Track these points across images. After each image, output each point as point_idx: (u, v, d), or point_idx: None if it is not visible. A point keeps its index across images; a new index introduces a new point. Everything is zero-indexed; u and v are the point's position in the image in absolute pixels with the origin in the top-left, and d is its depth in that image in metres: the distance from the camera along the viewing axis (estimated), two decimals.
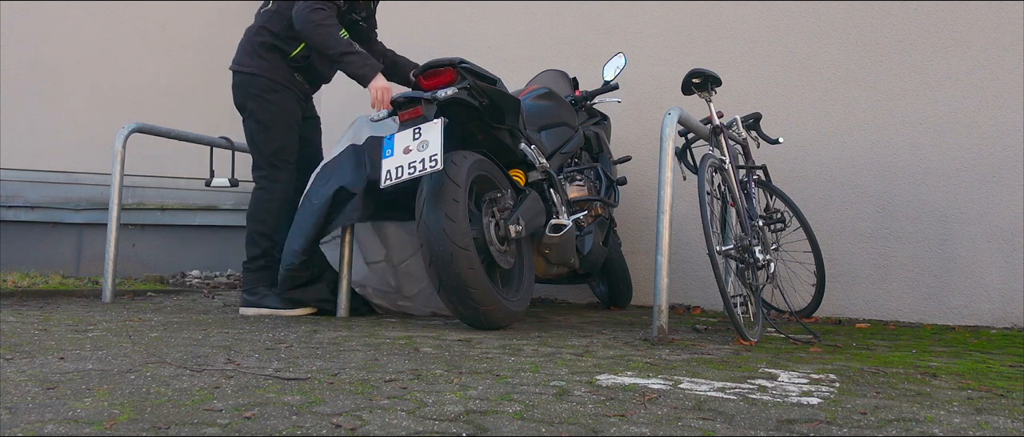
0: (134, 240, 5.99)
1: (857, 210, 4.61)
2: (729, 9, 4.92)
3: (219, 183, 4.67)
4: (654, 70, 5.01)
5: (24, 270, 5.67)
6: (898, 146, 4.55)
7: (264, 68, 3.83)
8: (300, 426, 1.68)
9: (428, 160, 3.21)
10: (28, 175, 6.44)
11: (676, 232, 4.52)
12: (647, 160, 4.83)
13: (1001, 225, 4.35)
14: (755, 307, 3.43)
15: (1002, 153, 4.37)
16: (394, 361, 2.51)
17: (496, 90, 3.51)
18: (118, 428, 1.62)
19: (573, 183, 4.08)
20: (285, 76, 3.86)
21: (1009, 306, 4.31)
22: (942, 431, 1.84)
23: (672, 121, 3.28)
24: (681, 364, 2.64)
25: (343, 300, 3.81)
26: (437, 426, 1.71)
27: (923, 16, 4.56)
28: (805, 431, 1.79)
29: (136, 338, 2.86)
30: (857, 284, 4.57)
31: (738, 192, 3.53)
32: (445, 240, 3.16)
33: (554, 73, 4.62)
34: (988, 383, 2.49)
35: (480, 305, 3.24)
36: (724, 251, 3.30)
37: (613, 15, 5.17)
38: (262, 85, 3.83)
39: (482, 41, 5.38)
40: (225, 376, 2.18)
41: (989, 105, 4.41)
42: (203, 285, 5.51)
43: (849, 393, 2.24)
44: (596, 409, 1.92)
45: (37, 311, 3.71)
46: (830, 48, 4.72)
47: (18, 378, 2.09)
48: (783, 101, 4.77)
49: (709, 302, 4.78)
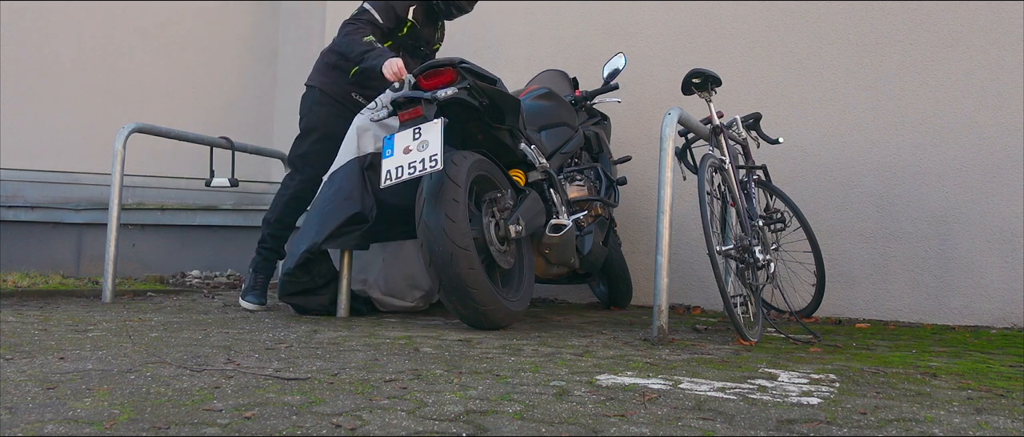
0: (134, 240, 5.99)
1: (857, 210, 4.61)
2: (729, 9, 4.92)
3: (219, 183, 4.67)
4: (654, 70, 5.01)
5: (24, 270, 5.67)
6: (898, 146, 4.55)
7: (324, 83, 4.11)
8: (300, 426, 1.68)
9: (428, 160, 3.21)
10: (28, 175, 6.43)
11: (676, 232, 4.52)
12: (647, 160, 4.83)
13: (1001, 225, 4.35)
14: (755, 307, 3.43)
15: (1002, 153, 4.37)
16: (394, 361, 2.51)
17: (496, 90, 3.51)
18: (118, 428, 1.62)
19: (573, 183, 4.08)
20: (342, 93, 4.09)
21: (1009, 306, 4.31)
22: (942, 431, 1.84)
23: (672, 121, 3.27)
24: (681, 364, 2.64)
25: (343, 300, 3.81)
26: (437, 426, 1.71)
27: (923, 16, 4.56)
28: (805, 431, 1.79)
29: (136, 338, 2.86)
30: (857, 284, 4.57)
31: (738, 192, 3.53)
32: (445, 240, 3.16)
33: (554, 73, 4.62)
34: (988, 383, 2.49)
35: (480, 305, 3.24)
36: (724, 251, 3.30)
37: (613, 15, 5.17)
38: (316, 97, 4.11)
39: (482, 41, 5.38)
40: (225, 376, 2.18)
41: (989, 105, 4.41)
42: (203, 285, 5.51)
43: (849, 393, 2.24)
44: (596, 409, 1.92)
45: (37, 311, 3.71)
46: (830, 48, 4.72)
47: (18, 378, 2.09)
48: (783, 101, 4.77)
49: (709, 302, 4.77)
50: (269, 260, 4.16)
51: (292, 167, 4.19)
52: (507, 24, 5.39)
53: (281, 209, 4.14)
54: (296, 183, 4.13)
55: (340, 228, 3.64)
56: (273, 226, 4.15)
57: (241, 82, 6.82)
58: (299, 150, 4.13)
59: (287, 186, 4.17)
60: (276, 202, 4.19)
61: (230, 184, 4.68)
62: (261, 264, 4.15)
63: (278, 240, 4.16)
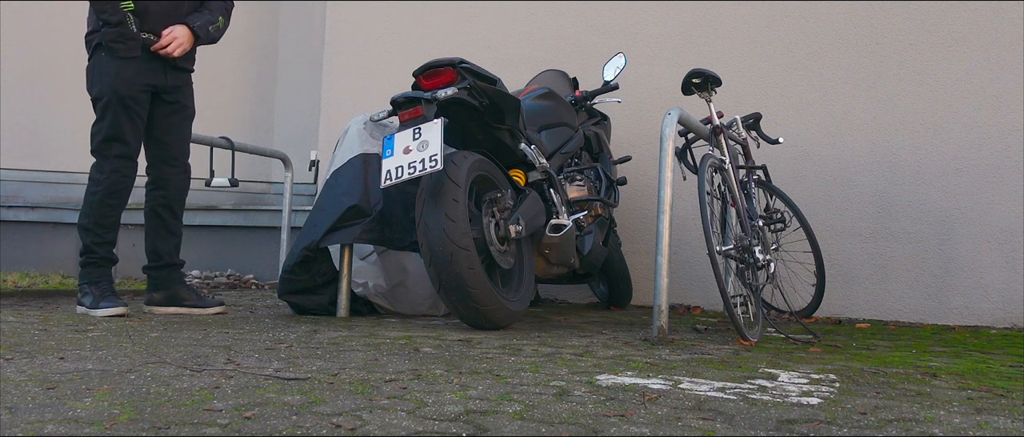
0: (134, 240, 5.98)
1: (857, 210, 4.61)
2: (729, 9, 4.92)
3: (219, 183, 4.66)
4: (654, 70, 5.01)
5: (24, 270, 5.67)
6: (898, 146, 4.55)
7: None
8: (300, 426, 1.68)
9: (428, 160, 3.21)
10: (28, 175, 6.43)
11: (676, 232, 4.52)
12: (647, 160, 4.83)
13: (1001, 225, 4.35)
14: (755, 307, 3.43)
15: (1002, 153, 4.37)
16: (394, 361, 2.51)
17: (496, 90, 3.51)
18: (118, 428, 1.62)
19: (573, 183, 4.08)
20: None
21: (1009, 306, 4.31)
22: (942, 431, 1.84)
23: (672, 121, 3.27)
24: (681, 364, 2.64)
25: (343, 300, 3.81)
26: (437, 426, 1.71)
27: (923, 16, 4.56)
28: (805, 431, 1.79)
29: (136, 338, 2.86)
30: (857, 284, 4.57)
31: (738, 192, 3.53)
32: (445, 240, 3.16)
33: (554, 73, 4.62)
34: (988, 383, 2.49)
35: (480, 305, 3.24)
36: (724, 251, 3.29)
37: (613, 15, 5.16)
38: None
39: (482, 41, 5.38)
40: (225, 376, 2.18)
41: (989, 105, 4.41)
42: (203, 285, 5.51)
43: (849, 393, 2.24)
44: (596, 409, 1.92)
45: (37, 311, 3.70)
46: (830, 48, 4.72)
47: (18, 378, 2.09)
48: (783, 101, 4.77)
49: (709, 302, 4.77)
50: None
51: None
52: (507, 24, 5.39)
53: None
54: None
55: (338, 223, 3.65)
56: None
57: (241, 82, 6.82)
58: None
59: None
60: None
61: (230, 184, 4.68)
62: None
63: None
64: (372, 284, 3.96)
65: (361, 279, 3.94)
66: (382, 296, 3.98)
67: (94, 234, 3.58)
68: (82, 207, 3.61)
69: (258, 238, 6.11)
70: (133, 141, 3.60)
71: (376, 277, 3.97)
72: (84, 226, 3.59)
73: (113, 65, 3.53)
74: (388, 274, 3.96)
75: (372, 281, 3.97)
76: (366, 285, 3.95)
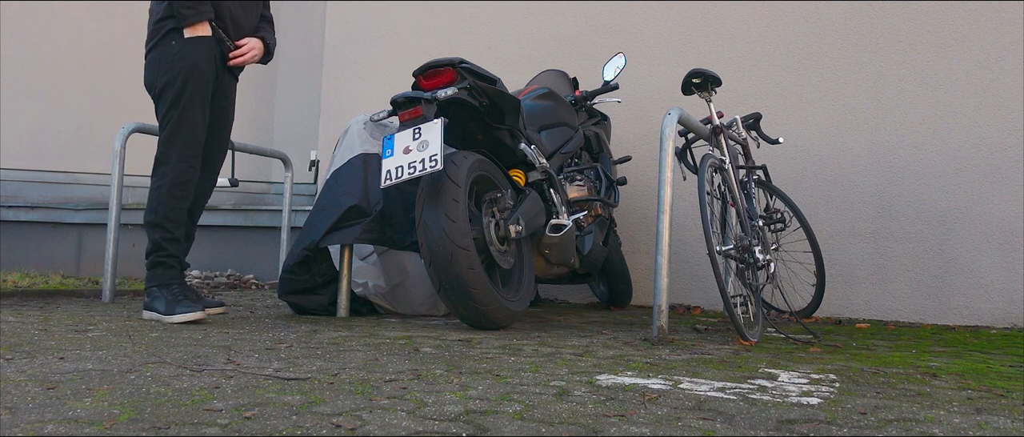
0: (134, 240, 5.99)
1: (857, 210, 4.61)
2: (729, 9, 4.92)
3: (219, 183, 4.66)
4: (654, 70, 5.01)
5: (24, 270, 5.67)
6: (898, 146, 4.55)
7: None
8: (300, 426, 1.68)
9: (428, 160, 3.21)
10: (28, 175, 6.44)
11: (676, 232, 4.53)
12: (647, 160, 4.83)
13: (1001, 225, 4.35)
14: (755, 307, 3.43)
15: (1002, 153, 4.37)
16: (394, 361, 2.51)
17: (496, 90, 3.51)
18: (118, 428, 1.62)
19: (573, 183, 4.08)
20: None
21: (1009, 306, 4.31)
22: (942, 431, 1.84)
23: (672, 121, 3.27)
24: (681, 364, 2.64)
25: (343, 300, 3.81)
26: (437, 426, 1.71)
27: (923, 16, 4.56)
28: (805, 431, 1.78)
29: (136, 338, 2.86)
30: (857, 284, 4.57)
31: (738, 192, 3.53)
32: (445, 240, 3.16)
33: (554, 73, 4.62)
34: (988, 383, 2.49)
35: (480, 305, 3.24)
36: (724, 251, 3.29)
37: (613, 15, 5.17)
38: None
39: (482, 41, 5.38)
40: (225, 376, 2.18)
41: (989, 105, 4.41)
42: (203, 285, 5.51)
43: (849, 393, 2.24)
44: (596, 409, 1.92)
45: (37, 311, 3.70)
46: (830, 48, 4.72)
47: (18, 378, 2.09)
48: (783, 101, 4.77)
49: (709, 302, 4.78)
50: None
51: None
52: (507, 24, 5.39)
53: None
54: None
55: (338, 223, 3.65)
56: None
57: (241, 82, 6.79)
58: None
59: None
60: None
61: (230, 184, 4.67)
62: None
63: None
64: (372, 284, 3.95)
65: (361, 279, 3.94)
66: (382, 296, 3.98)
67: (163, 229, 3.37)
68: (148, 203, 3.42)
69: (258, 238, 6.11)
70: (200, 130, 3.46)
71: (376, 277, 3.96)
72: (152, 222, 3.38)
73: (183, 51, 3.40)
74: (388, 274, 3.96)
75: (372, 281, 3.96)
76: (366, 285, 3.94)
